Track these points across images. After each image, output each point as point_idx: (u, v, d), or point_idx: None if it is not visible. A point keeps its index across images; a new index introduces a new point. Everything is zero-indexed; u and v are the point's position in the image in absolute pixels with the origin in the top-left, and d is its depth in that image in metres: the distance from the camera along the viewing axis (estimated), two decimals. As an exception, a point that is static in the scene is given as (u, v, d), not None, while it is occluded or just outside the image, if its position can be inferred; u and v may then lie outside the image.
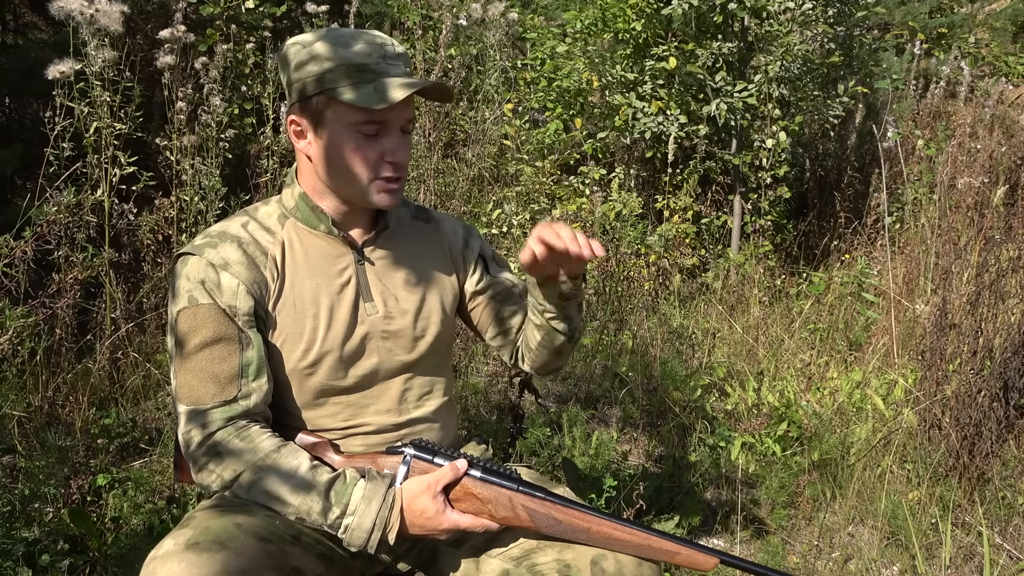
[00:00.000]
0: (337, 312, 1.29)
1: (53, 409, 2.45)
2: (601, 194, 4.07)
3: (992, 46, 6.72)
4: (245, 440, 1.20)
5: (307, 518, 1.18)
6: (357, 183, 1.26)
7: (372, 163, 1.25)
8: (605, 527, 1.20)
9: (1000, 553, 2.19)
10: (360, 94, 1.20)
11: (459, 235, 1.45)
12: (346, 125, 1.23)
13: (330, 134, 1.25)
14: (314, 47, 1.23)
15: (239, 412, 1.22)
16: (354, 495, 1.18)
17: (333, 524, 1.17)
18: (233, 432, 1.21)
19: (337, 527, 1.17)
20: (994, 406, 2.37)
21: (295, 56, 1.24)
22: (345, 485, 1.19)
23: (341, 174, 1.27)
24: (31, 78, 3.20)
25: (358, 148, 1.24)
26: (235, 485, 1.20)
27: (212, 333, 1.22)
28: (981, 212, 3.36)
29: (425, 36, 4.11)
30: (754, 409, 2.79)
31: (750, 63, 4.15)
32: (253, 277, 1.25)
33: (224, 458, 1.20)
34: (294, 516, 1.18)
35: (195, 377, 1.22)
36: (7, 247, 2.43)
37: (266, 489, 1.18)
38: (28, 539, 1.80)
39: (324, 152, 1.26)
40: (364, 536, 1.16)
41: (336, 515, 1.17)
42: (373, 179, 1.26)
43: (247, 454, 1.19)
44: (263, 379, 1.24)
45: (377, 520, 1.17)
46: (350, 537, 1.17)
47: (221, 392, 1.21)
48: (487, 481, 1.21)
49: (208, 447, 1.20)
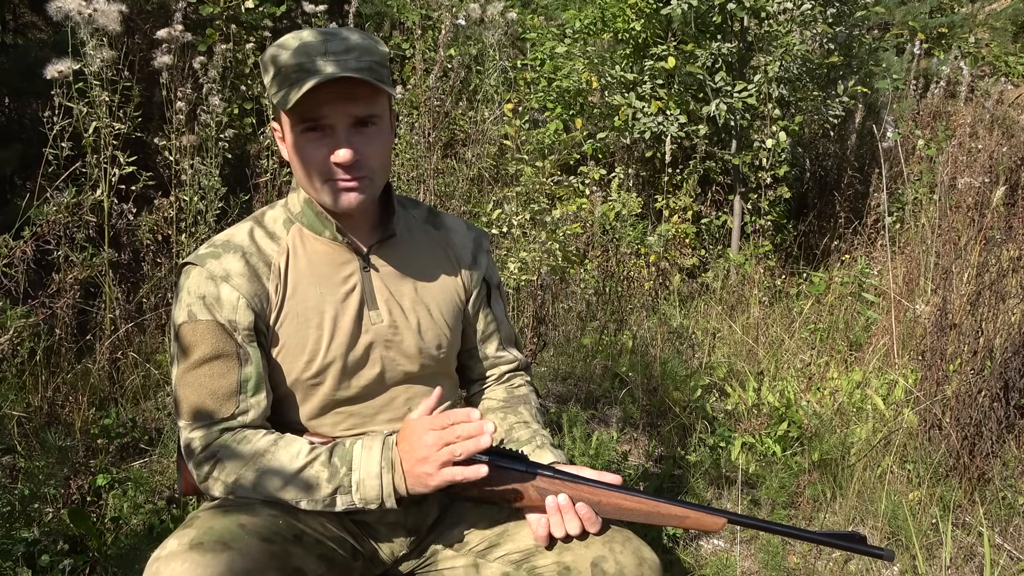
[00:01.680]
0: (341, 321, 1.28)
1: (53, 409, 2.44)
2: (601, 194, 4.07)
3: (992, 46, 6.72)
4: (243, 443, 1.21)
5: (318, 494, 1.18)
6: (315, 187, 1.24)
7: (320, 165, 1.21)
8: (615, 498, 1.22)
9: (1000, 553, 2.19)
10: (281, 96, 1.19)
11: (468, 249, 1.42)
12: (291, 129, 1.22)
13: (288, 139, 1.25)
14: (266, 54, 1.22)
15: (236, 427, 1.23)
16: (355, 450, 1.20)
17: (343, 484, 1.18)
18: (231, 438, 1.22)
19: (347, 486, 1.18)
20: (994, 406, 2.37)
21: (262, 65, 1.25)
22: (346, 448, 1.20)
23: (303, 179, 1.26)
24: (30, 78, 3.20)
25: (304, 151, 1.22)
26: (239, 487, 1.20)
27: (211, 350, 1.22)
28: (981, 212, 3.36)
29: (425, 36, 4.11)
30: (754, 409, 2.79)
31: (750, 63, 4.15)
32: (255, 290, 1.25)
33: (225, 463, 1.20)
34: (305, 500, 1.18)
35: (194, 392, 1.22)
36: (7, 247, 2.42)
37: (271, 481, 1.19)
38: (28, 539, 1.79)
39: (290, 159, 1.27)
40: (375, 483, 1.17)
41: (343, 473, 1.18)
42: (326, 181, 1.23)
43: (247, 455, 1.20)
44: (261, 395, 1.24)
45: (383, 462, 1.17)
46: (363, 491, 1.17)
47: (220, 408, 1.22)
48: (496, 464, 1.21)
49: (208, 455, 1.21)
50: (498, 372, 1.49)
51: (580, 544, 1.22)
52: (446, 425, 1.15)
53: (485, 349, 1.46)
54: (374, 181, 1.26)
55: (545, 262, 3.26)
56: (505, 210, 3.40)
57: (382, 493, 1.17)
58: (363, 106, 1.20)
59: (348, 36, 1.20)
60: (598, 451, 2.49)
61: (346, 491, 1.18)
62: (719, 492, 2.47)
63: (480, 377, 1.49)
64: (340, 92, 1.17)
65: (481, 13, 3.91)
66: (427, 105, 3.42)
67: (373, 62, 1.19)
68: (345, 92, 1.18)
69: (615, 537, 1.23)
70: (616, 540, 1.22)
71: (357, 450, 1.19)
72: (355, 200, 1.23)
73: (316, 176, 1.23)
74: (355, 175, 1.22)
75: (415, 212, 1.42)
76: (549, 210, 3.52)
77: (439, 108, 3.51)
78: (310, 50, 1.17)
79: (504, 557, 1.27)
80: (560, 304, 3.60)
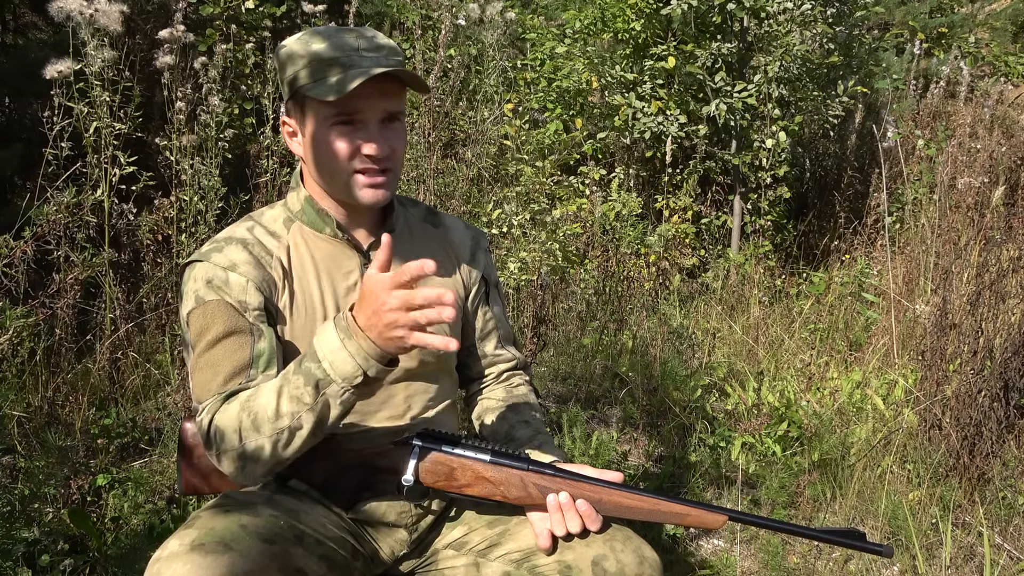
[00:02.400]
0: None
1: (53, 409, 2.44)
2: (601, 194, 4.07)
3: (992, 46, 6.72)
4: (230, 401, 1.18)
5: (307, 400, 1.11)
6: (338, 179, 1.25)
7: (347, 157, 1.23)
8: (616, 496, 1.22)
9: (1000, 553, 2.19)
10: (322, 87, 1.20)
11: (467, 247, 1.44)
12: (320, 121, 1.23)
13: (310, 131, 1.25)
14: (292, 47, 1.23)
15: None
16: (314, 343, 1.12)
17: (319, 377, 1.10)
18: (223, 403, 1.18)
19: (324, 377, 1.10)
20: (994, 406, 2.37)
21: (281, 59, 1.25)
22: (312, 348, 1.13)
23: (324, 171, 1.26)
24: (31, 78, 3.19)
25: (332, 143, 1.23)
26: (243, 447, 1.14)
27: (223, 328, 1.21)
28: (981, 212, 3.36)
29: (424, 36, 4.11)
30: (754, 409, 2.79)
31: (750, 63, 4.15)
32: (262, 276, 1.25)
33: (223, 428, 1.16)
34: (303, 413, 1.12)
35: (210, 371, 1.20)
36: (7, 247, 2.42)
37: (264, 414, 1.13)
38: (28, 539, 1.79)
39: (309, 151, 1.27)
40: (344, 356, 1.09)
41: (314, 367, 1.11)
42: (352, 173, 1.24)
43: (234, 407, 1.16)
44: (273, 371, 1.22)
45: (339, 333, 1.10)
46: (338, 371, 1.09)
47: (231, 383, 1.20)
48: (497, 463, 1.21)
49: (212, 428, 1.17)
50: (497, 370, 1.49)
51: (581, 543, 1.22)
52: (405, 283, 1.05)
53: (484, 347, 1.47)
54: (397, 175, 1.29)
55: (545, 262, 3.26)
56: (505, 210, 3.40)
57: (357, 360, 1.09)
58: (394, 102, 1.24)
59: (374, 34, 1.24)
60: (598, 451, 2.49)
61: (326, 382, 1.11)
62: (719, 492, 2.47)
63: (479, 375, 1.49)
64: (376, 88, 1.20)
65: (481, 13, 3.90)
66: (427, 105, 3.42)
67: (401, 60, 1.24)
68: (380, 88, 1.21)
69: (616, 536, 1.23)
70: (617, 539, 1.22)
71: (316, 343, 1.12)
72: (381, 196, 1.26)
73: (341, 167, 1.24)
74: (383, 167, 1.25)
75: (414, 211, 1.43)
76: (549, 210, 3.52)
77: (439, 108, 3.50)
78: (345, 45, 1.21)
79: (505, 556, 1.27)
80: (560, 304, 3.60)
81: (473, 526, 1.31)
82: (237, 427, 1.15)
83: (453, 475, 1.22)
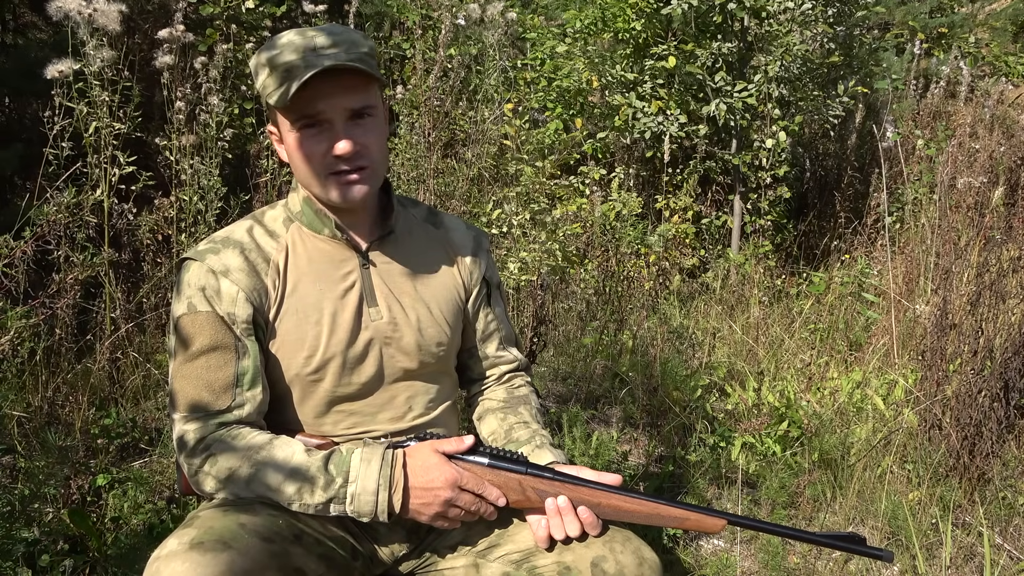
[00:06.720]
0: (340, 317, 1.28)
1: (53, 409, 2.44)
2: (601, 194, 4.07)
3: (992, 46, 6.72)
4: (237, 439, 1.21)
5: (311, 499, 1.17)
6: (315, 183, 1.25)
7: (319, 160, 1.23)
8: (615, 500, 1.21)
9: (1000, 553, 2.19)
10: (278, 95, 1.20)
11: (468, 248, 1.43)
12: (288, 127, 1.23)
13: (285, 139, 1.26)
14: (258, 57, 1.24)
15: (232, 421, 1.23)
16: (353, 461, 1.18)
17: (337, 495, 1.16)
18: (226, 433, 1.22)
19: (342, 497, 1.16)
20: (994, 406, 2.37)
21: (252, 70, 1.26)
22: (343, 456, 1.19)
23: (303, 176, 1.27)
24: (31, 78, 3.20)
25: (301, 148, 1.23)
26: (231, 483, 1.19)
27: (209, 341, 1.22)
28: (981, 212, 3.36)
29: (425, 36, 4.11)
30: (754, 409, 2.79)
31: (750, 63, 4.15)
32: (253, 284, 1.25)
33: (218, 457, 1.20)
34: (297, 503, 1.17)
35: (191, 384, 1.22)
36: (7, 247, 2.42)
37: (264, 480, 1.18)
38: (28, 539, 1.79)
39: (289, 158, 1.27)
40: (371, 500, 1.16)
41: (339, 484, 1.16)
42: (327, 176, 1.24)
43: (241, 450, 1.19)
44: (258, 389, 1.24)
45: (380, 479, 1.16)
46: (357, 505, 1.16)
47: (216, 401, 1.22)
48: (496, 467, 1.22)
49: (202, 448, 1.21)
50: (498, 372, 1.49)
51: (580, 544, 1.22)
52: (477, 493, 1.19)
53: (485, 349, 1.47)
54: (376, 171, 1.27)
55: (545, 262, 3.26)
56: (505, 210, 3.40)
57: (376, 509, 1.16)
58: (357, 97, 1.22)
59: (333, 32, 1.22)
60: (598, 451, 2.48)
61: (340, 501, 1.17)
62: (719, 492, 2.47)
63: (480, 377, 1.49)
64: (334, 86, 1.19)
65: (481, 13, 3.90)
66: (427, 105, 3.42)
67: (362, 53, 1.21)
68: (338, 85, 1.19)
69: (615, 537, 1.23)
70: (616, 540, 1.22)
71: (355, 462, 1.17)
72: (361, 192, 1.25)
73: (319, 172, 1.24)
74: (356, 166, 1.23)
75: (415, 211, 1.42)
76: (549, 210, 3.52)
77: (439, 108, 3.50)
78: (298, 49, 1.19)
79: (504, 557, 1.27)
80: (560, 304, 3.60)
81: (472, 527, 1.31)
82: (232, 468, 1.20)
83: None
